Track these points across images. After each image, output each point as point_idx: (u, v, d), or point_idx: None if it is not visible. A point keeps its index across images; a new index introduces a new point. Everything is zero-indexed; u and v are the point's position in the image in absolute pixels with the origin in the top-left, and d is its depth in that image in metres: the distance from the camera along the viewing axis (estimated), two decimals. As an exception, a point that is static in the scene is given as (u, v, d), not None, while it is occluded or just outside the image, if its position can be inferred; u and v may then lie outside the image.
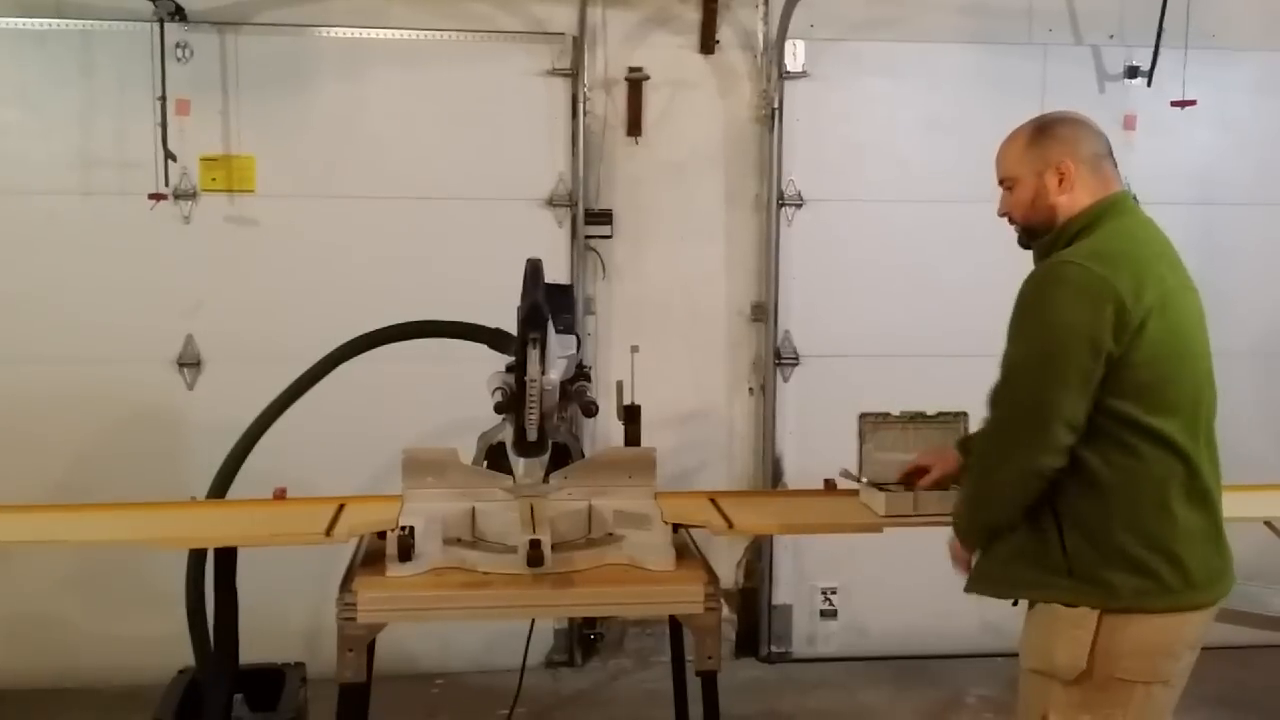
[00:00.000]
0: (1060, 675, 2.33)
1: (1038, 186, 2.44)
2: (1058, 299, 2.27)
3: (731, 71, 4.70)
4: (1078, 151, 2.43)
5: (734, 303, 4.78)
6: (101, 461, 4.34)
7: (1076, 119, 2.50)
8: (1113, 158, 2.50)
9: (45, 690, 4.36)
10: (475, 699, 4.31)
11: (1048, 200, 2.43)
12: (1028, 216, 2.48)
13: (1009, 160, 2.50)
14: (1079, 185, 2.42)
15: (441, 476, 2.87)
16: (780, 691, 4.57)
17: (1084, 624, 2.29)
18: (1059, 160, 2.41)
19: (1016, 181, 2.48)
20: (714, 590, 2.64)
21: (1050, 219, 2.44)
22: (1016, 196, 2.49)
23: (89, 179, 4.36)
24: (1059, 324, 2.26)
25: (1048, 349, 2.27)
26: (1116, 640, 2.29)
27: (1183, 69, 4.63)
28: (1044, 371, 2.26)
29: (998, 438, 2.38)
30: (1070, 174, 2.41)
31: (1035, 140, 2.46)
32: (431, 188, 4.50)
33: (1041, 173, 2.43)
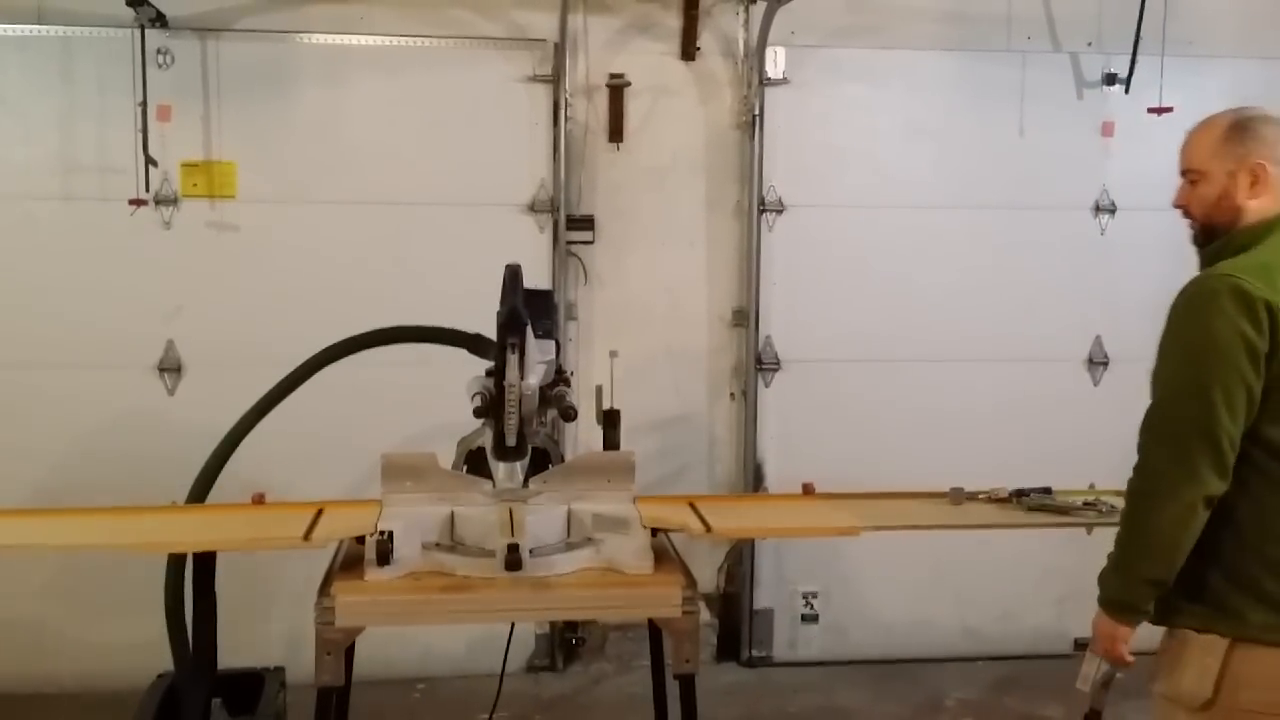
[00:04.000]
0: (1185, 702, 2.24)
1: (1226, 186, 2.29)
2: (1213, 313, 2.14)
3: (712, 78, 4.72)
4: (1277, 154, 2.29)
5: (715, 308, 4.80)
6: (81, 466, 4.33)
7: (1278, 119, 2.34)
8: None
9: (24, 695, 4.33)
10: (456, 704, 4.30)
11: (1234, 201, 2.29)
12: (1209, 215, 2.33)
13: (1200, 152, 2.34)
14: (1270, 191, 2.28)
15: (420, 481, 2.87)
16: (761, 695, 4.58)
17: (1213, 651, 2.20)
18: (1256, 162, 2.27)
19: (1203, 176, 2.32)
20: (692, 594, 2.64)
21: (1233, 221, 2.30)
22: (1199, 192, 2.33)
23: (70, 185, 4.36)
24: (1218, 338, 2.14)
25: (1208, 365, 2.13)
26: (1244, 671, 2.20)
27: (1160, 76, 4.66)
28: (1206, 389, 2.13)
29: (1159, 469, 2.17)
30: (1265, 178, 2.27)
31: (1233, 135, 2.30)
32: (412, 193, 4.50)
33: (1234, 172, 2.29)
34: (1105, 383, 4.86)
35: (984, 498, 3.14)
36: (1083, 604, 2.45)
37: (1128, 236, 4.87)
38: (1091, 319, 4.85)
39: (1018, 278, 4.72)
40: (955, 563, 4.71)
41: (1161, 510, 2.16)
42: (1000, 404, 4.79)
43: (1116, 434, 4.03)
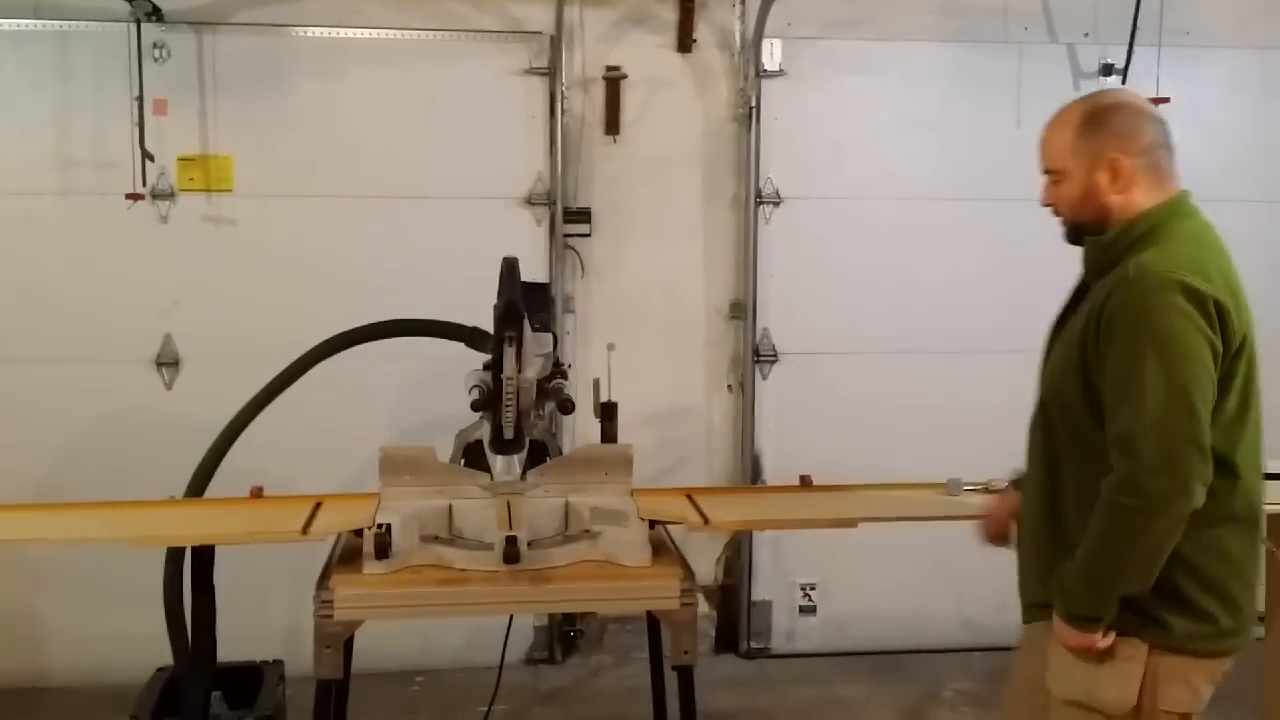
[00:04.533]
0: (1107, 710, 2.19)
1: (1088, 184, 2.22)
2: (1173, 313, 2.06)
3: (709, 70, 4.72)
4: (1133, 145, 2.20)
5: (712, 301, 4.80)
6: (79, 461, 4.33)
7: (1132, 105, 2.27)
8: (1169, 144, 2.27)
9: (23, 689, 4.35)
10: (455, 696, 4.31)
11: (1099, 199, 2.22)
12: (1076, 213, 2.26)
13: (1056, 150, 2.26)
14: (1134, 184, 2.21)
15: (419, 474, 2.89)
16: (759, 687, 4.59)
17: (1135, 657, 2.17)
18: (1113, 156, 2.19)
19: (1064, 175, 2.25)
20: (689, 586, 2.66)
21: (1102, 218, 2.23)
22: (1063, 191, 2.26)
23: (66, 179, 4.35)
24: (1188, 340, 2.06)
25: (1184, 369, 2.05)
26: (1165, 677, 2.18)
27: (1156, 66, 4.66)
28: (1189, 396, 2.04)
29: (1150, 483, 2.04)
30: (1124, 171, 2.20)
31: (1087, 130, 2.22)
32: (409, 187, 4.50)
33: (1092, 169, 2.21)
34: (1102, 374, 4.86)
35: (981, 489, 3.14)
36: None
37: (1125, 228, 4.87)
38: None
39: (1016, 269, 4.71)
40: (953, 554, 4.66)
41: (1149, 526, 2.06)
42: (998, 396, 4.76)
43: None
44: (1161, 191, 2.24)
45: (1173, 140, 2.29)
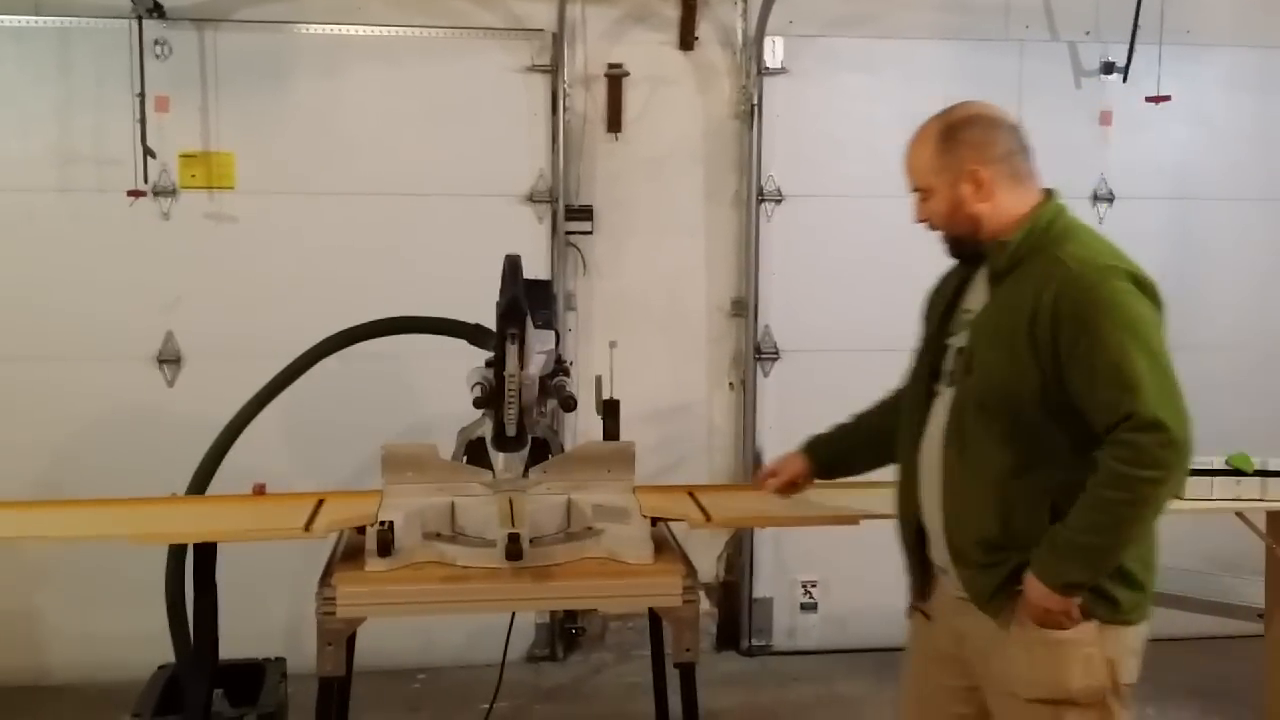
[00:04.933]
0: (1078, 700, 2.24)
1: (953, 197, 2.31)
2: (1136, 301, 2.16)
3: (711, 68, 4.72)
4: (990, 154, 2.29)
5: (714, 298, 4.80)
6: (81, 458, 4.33)
7: (985, 116, 2.34)
8: (1025, 148, 2.34)
9: (25, 687, 4.35)
10: (457, 693, 4.32)
11: (966, 210, 2.31)
12: (949, 227, 2.36)
13: (919, 168, 2.36)
14: (998, 190, 2.29)
15: (421, 471, 2.89)
16: (761, 684, 4.60)
17: (1091, 640, 2.22)
18: (972, 169, 2.28)
19: (930, 191, 2.34)
20: (692, 583, 2.66)
21: (974, 228, 2.32)
22: (933, 207, 2.35)
23: (68, 176, 4.36)
24: (1155, 326, 2.18)
25: (1164, 354, 2.16)
26: (1116, 648, 2.25)
27: (1158, 65, 4.66)
28: (1175, 377, 2.15)
29: (1168, 455, 2.10)
30: (986, 181, 2.28)
31: (944, 146, 2.31)
32: (411, 184, 4.50)
33: (955, 183, 2.30)
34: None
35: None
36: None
37: (1126, 225, 4.86)
38: None
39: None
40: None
41: (1161, 495, 2.12)
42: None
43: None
44: (1027, 192, 2.33)
45: (1028, 142, 2.36)
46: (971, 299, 2.41)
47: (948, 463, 2.34)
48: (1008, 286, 2.28)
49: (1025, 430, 2.22)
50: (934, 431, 2.39)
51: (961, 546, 2.32)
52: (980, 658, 2.36)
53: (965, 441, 2.30)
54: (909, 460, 2.48)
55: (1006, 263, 2.29)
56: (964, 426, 2.30)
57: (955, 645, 2.43)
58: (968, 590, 2.33)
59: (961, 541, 2.32)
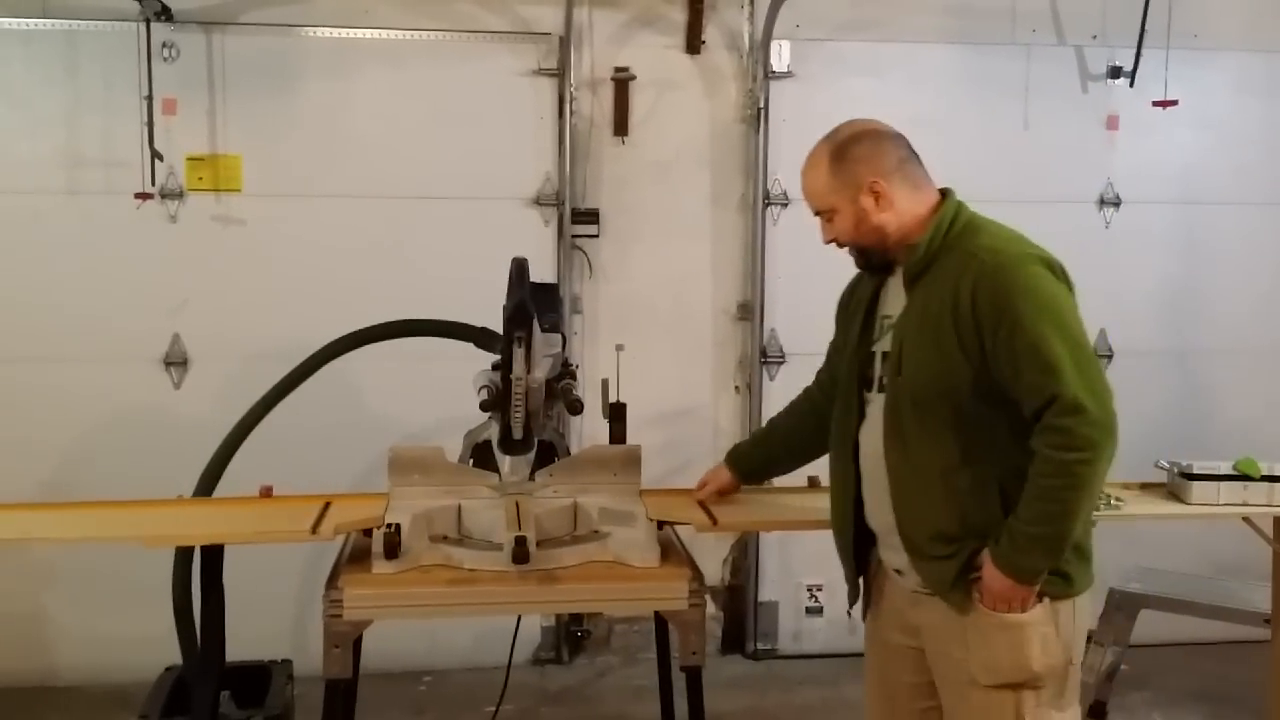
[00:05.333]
0: (1040, 681, 2.32)
1: (856, 212, 2.39)
2: (1051, 286, 2.26)
3: (717, 72, 4.72)
4: (883, 166, 2.37)
5: (720, 302, 4.81)
6: (88, 460, 4.34)
7: (870, 130, 2.43)
8: (914, 155, 2.43)
9: (32, 689, 4.36)
10: (462, 696, 4.33)
11: (870, 222, 2.38)
12: (856, 240, 2.44)
13: (818, 192, 2.44)
14: (897, 198, 2.37)
15: (427, 474, 2.89)
16: (766, 687, 4.59)
17: (1046, 618, 2.31)
18: (870, 181, 2.36)
19: (834, 211, 2.42)
20: (698, 586, 2.66)
21: (881, 238, 2.40)
22: (839, 226, 2.43)
23: (75, 178, 4.37)
24: (1072, 307, 2.27)
25: (1083, 334, 2.26)
26: (1075, 623, 2.36)
27: (1165, 69, 4.66)
28: (1094, 355, 2.27)
29: (1092, 434, 2.18)
30: (884, 191, 2.36)
31: (837, 166, 2.39)
32: (418, 187, 4.51)
33: (855, 198, 2.38)
34: (1110, 376, 4.77)
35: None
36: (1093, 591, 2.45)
37: (1132, 230, 4.88)
38: (1096, 312, 4.76)
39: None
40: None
41: (1096, 474, 2.22)
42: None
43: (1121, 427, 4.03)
44: (924, 195, 2.42)
45: (913, 148, 2.45)
46: (889, 305, 2.50)
47: (892, 464, 2.40)
48: (924, 286, 2.36)
49: (963, 422, 2.31)
50: (871, 437, 2.47)
51: (918, 542, 2.39)
52: (937, 650, 2.44)
53: (906, 441, 2.37)
54: (843, 469, 2.55)
55: (919, 264, 2.37)
56: (902, 426, 2.37)
57: (912, 639, 2.50)
58: (929, 583, 2.39)
59: (918, 538, 2.38)
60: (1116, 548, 3.66)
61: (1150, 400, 4.83)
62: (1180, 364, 4.95)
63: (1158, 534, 4.15)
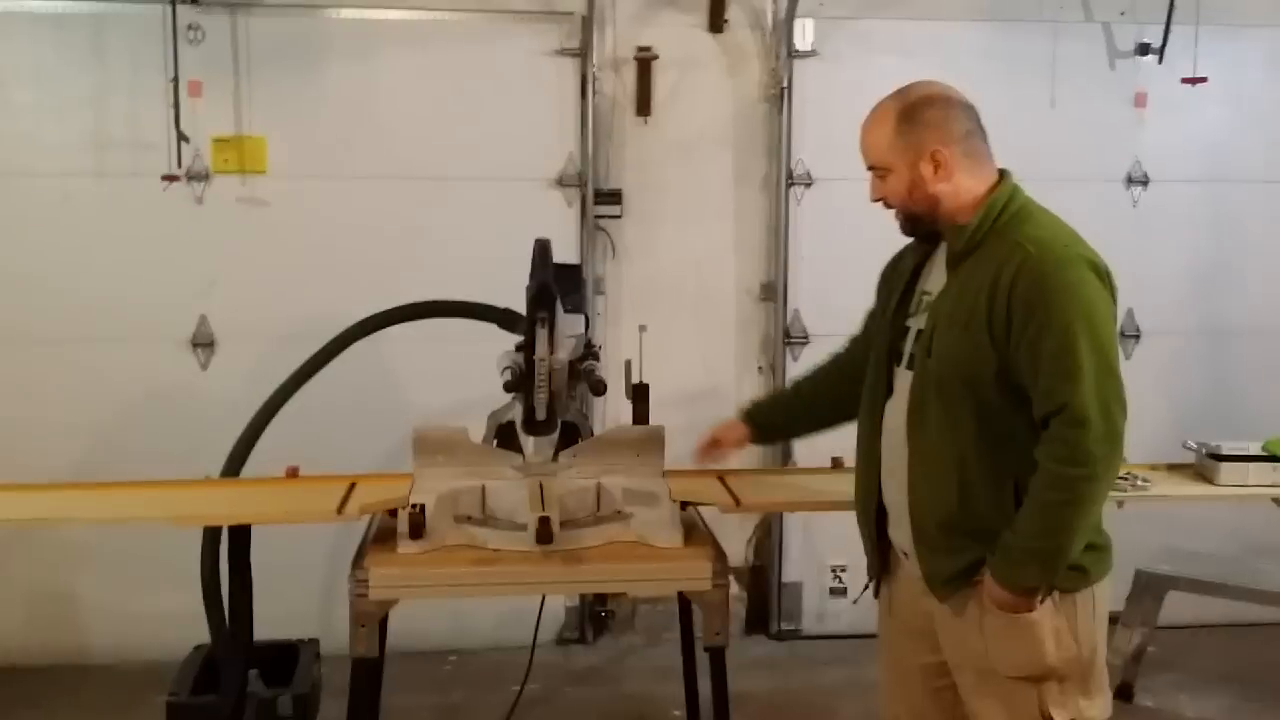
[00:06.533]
0: (1058, 674, 2.30)
1: (913, 177, 2.32)
2: (1090, 288, 2.19)
3: (740, 50, 4.70)
4: (949, 134, 2.31)
5: (743, 282, 4.80)
6: (116, 441, 4.38)
7: (943, 96, 2.36)
8: (981, 129, 2.37)
9: (62, 666, 4.41)
10: (487, 675, 4.34)
11: (926, 190, 2.32)
12: (906, 205, 2.37)
13: (878, 148, 2.37)
14: (956, 171, 2.31)
15: (452, 455, 2.89)
16: (791, 668, 4.60)
17: (1061, 614, 2.28)
18: (933, 148, 2.30)
19: (889, 171, 2.36)
20: (722, 567, 2.67)
21: (933, 208, 2.33)
22: (891, 186, 2.36)
23: (103, 161, 4.39)
24: (1105, 314, 2.21)
25: (1110, 341, 2.20)
26: (1094, 613, 2.33)
27: (1194, 46, 4.61)
28: (1116, 365, 2.19)
29: (1101, 452, 2.15)
30: (946, 161, 2.30)
31: (904, 126, 2.32)
32: (441, 168, 4.51)
33: (915, 162, 2.31)
34: (1138, 356, 4.82)
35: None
36: (1115, 574, 2.43)
37: (1161, 209, 4.83)
38: (1124, 292, 4.72)
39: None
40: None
41: (1097, 492, 2.17)
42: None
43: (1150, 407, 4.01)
44: (984, 173, 2.35)
45: (982, 124, 2.38)
46: (930, 281, 2.45)
47: (911, 445, 2.37)
48: (967, 268, 2.31)
49: (984, 411, 2.27)
50: (895, 414, 2.43)
51: (924, 528, 2.37)
52: (952, 636, 2.41)
53: (927, 424, 2.33)
54: (869, 443, 2.52)
55: (965, 245, 2.32)
56: (925, 409, 2.34)
57: (925, 622, 2.48)
58: (924, 571, 2.38)
59: (925, 523, 2.37)
60: (1144, 529, 3.66)
61: (1178, 380, 4.81)
62: (1209, 344, 4.90)
63: (1185, 515, 4.14)
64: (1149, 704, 4.16)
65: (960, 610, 2.35)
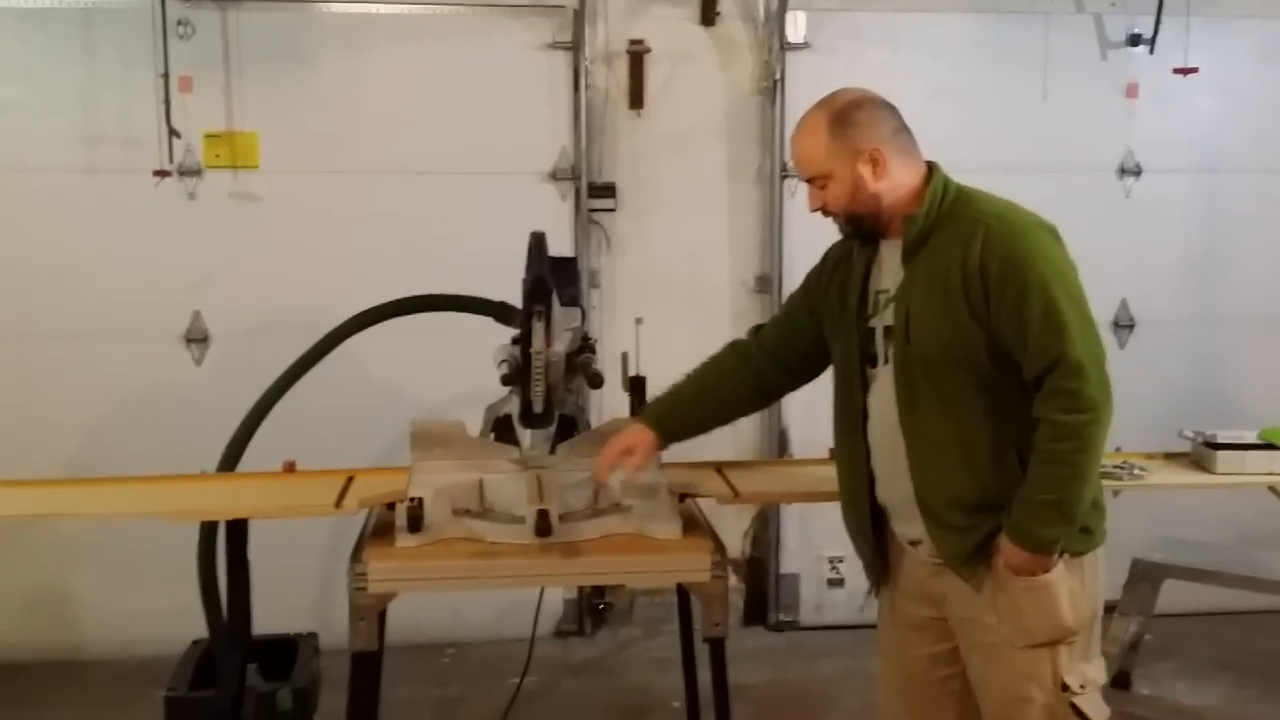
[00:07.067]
0: (1073, 634, 2.35)
1: (854, 179, 2.36)
2: (1057, 250, 2.30)
3: (732, 43, 4.70)
4: (881, 133, 2.37)
5: (737, 274, 4.80)
6: (111, 437, 4.37)
7: (868, 98, 2.42)
8: (905, 125, 2.43)
9: (60, 663, 4.41)
10: (486, 668, 4.35)
11: (868, 189, 2.36)
12: (850, 208, 2.40)
13: (814, 158, 2.40)
14: (893, 167, 2.36)
15: (449, 448, 2.90)
16: (788, 659, 4.61)
17: (1074, 574, 2.33)
18: (870, 148, 2.35)
19: (828, 178, 2.39)
20: (720, 558, 2.66)
21: (875, 206, 2.38)
22: (833, 192, 2.39)
23: (93, 156, 4.38)
24: (1073, 272, 2.30)
25: (1083, 297, 2.29)
26: (1095, 573, 2.38)
27: (1185, 36, 4.62)
28: (1092, 318, 2.28)
29: (1096, 397, 2.21)
30: (883, 159, 2.35)
31: (837, 130, 2.36)
32: (434, 162, 4.50)
33: (854, 164, 2.35)
34: (1131, 345, 4.84)
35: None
36: (1112, 563, 2.45)
37: (1153, 199, 4.84)
38: (1117, 282, 4.82)
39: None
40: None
41: (1099, 437, 2.24)
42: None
43: (1143, 397, 4.04)
44: (916, 166, 2.42)
45: (903, 118, 2.45)
46: (883, 279, 2.48)
47: (907, 433, 2.39)
48: (924, 256, 2.36)
49: (979, 388, 2.32)
50: (882, 409, 2.45)
51: (937, 510, 2.39)
52: (964, 617, 2.44)
53: (919, 410, 2.37)
54: (854, 445, 2.53)
55: (919, 235, 2.37)
56: (916, 396, 2.37)
57: (933, 609, 2.50)
58: (942, 553, 2.40)
59: (937, 505, 2.38)
60: (1140, 518, 3.68)
61: (1172, 370, 4.82)
62: (1202, 333, 4.92)
63: (1182, 504, 4.16)
64: (1146, 692, 4.17)
65: (972, 588, 2.37)
